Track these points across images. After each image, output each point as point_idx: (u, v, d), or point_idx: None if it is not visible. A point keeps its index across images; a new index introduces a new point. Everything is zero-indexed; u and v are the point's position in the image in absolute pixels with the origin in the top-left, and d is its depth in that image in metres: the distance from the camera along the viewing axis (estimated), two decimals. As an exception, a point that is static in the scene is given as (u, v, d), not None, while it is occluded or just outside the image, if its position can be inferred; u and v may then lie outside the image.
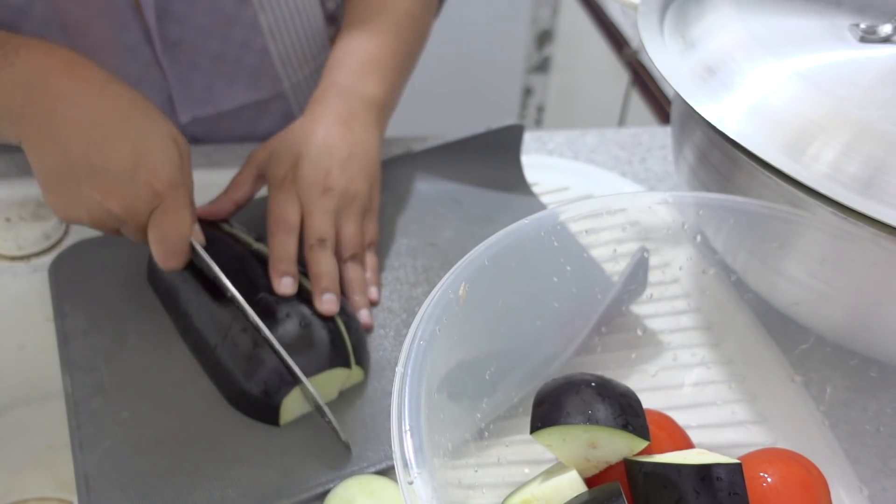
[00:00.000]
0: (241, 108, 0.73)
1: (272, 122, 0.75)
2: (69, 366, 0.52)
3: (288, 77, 0.73)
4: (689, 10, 0.54)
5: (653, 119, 1.44)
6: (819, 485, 0.40)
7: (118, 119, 0.49)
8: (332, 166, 0.56)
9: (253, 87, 0.71)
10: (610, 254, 0.48)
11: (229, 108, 0.72)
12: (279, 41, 0.69)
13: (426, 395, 0.34)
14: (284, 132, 0.59)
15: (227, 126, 0.73)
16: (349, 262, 0.57)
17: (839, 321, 0.47)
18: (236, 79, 0.70)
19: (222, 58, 0.68)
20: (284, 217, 0.55)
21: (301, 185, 0.56)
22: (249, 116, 0.74)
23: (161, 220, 0.49)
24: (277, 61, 0.70)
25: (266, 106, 0.74)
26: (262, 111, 0.74)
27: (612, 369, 0.50)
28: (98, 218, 0.50)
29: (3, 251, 0.61)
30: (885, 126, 0.42)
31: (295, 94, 0.75)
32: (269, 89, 0.72)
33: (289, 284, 0.53)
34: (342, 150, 0.57)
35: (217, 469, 0.47)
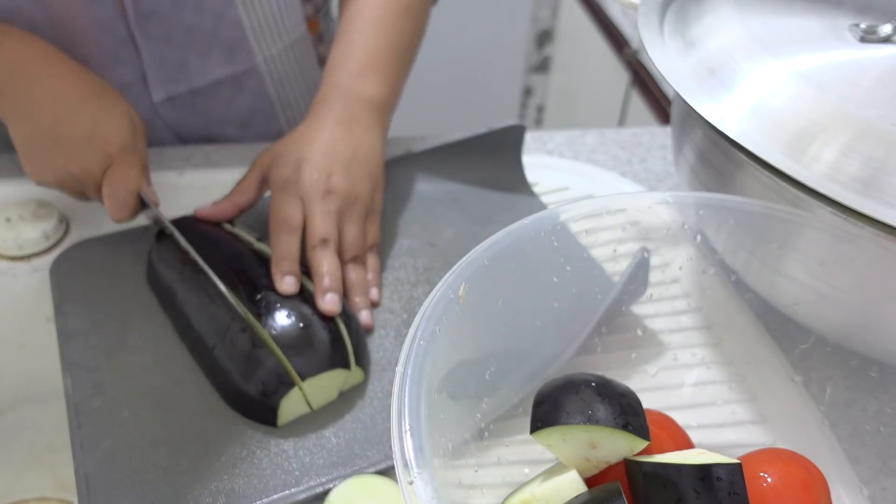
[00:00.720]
0: (215, 86, 0.72)
1: (248, 101, 0.75)
2: (69, 366, 0.52)
3: (261, 50, 0.72)
4: (689, 10, 0.54)
5: (653, 119, 1.44)
6: (819, 485, 0.40)
7: (81, 97, 0.57)
8: (334, 168, 0.57)
9: (226, 62, 0.71)
10: (610, 254, 0.48)
11: (203, 83, 0.71)
12: (251, 12, 0.69)
13: (426, 395, 0.34)
14: (287, 137, 0.60)
15: (203, 105, 0.73)
16: (350, 264, 0.57)
17: (839, 321, 0.47)
18: (210, 52, 0.70)
19: (196, 30, 0.68)
20: (286, 218, 0.56)
21: (303, 188, 0.56)
22: (224, 95, 0.74)
23: (111, 177, 0.56)
24: (250, 33, 0.70)
25: (240, 83, 0.73)
26: (237, 89, 0.74)
27: (613, 369, 0.50)
28: (62, 180, 0.57)
29: (3, 251, 0.61)
30: (885, 126, 0.42)
31: (269, 70, 0.74)
32: (242, 63, 0.72)
33: (291, 283, 0.53)
34: (344, 153, 0.58)
35: (217, 469, 0.47)
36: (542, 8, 1.95)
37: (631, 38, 1.54)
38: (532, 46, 2.02)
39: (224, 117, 0.75)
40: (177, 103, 0.72)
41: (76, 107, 0.57)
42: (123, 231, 0.62)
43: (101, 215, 0.64)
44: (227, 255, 0.55)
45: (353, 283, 0.57)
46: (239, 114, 0.76)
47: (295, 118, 0.79)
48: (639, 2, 0.54)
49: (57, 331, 0.55)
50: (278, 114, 0.78)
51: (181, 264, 0.55)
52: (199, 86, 0.72)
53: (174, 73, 0.70)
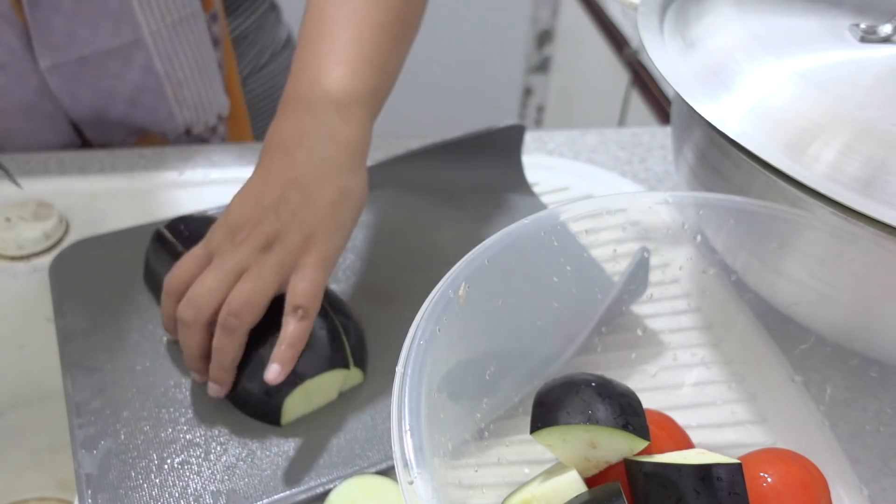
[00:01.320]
0: (104, 57, 0.71)
1: (136, 76, 0.74)
2: (69, 366, 0.52)
3: (147, 23, 0.71)
4: (689, 10, 0.54)
5: (653, 119, 1.44)
6: (819, 485, 0.40)
7: None
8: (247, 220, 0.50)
9: (114, 33, 0.70)
10: (610, 254, 0.48)
11: (90, 52, 0.70)
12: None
13: (426, 395, 0.34)
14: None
15: (92, 76, 0.72)
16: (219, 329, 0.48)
17: (839, 321, 0.47)
18: (98, 23, 0.69)
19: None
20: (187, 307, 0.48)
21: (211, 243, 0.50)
22: (114, 68, 0.72)
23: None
24: (136, 3, 0.69)
25: (128, 56, 0.72)
26: (125, 62, 0.72)
27: (613, 369, 0.50)
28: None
29: (3, 251, 0.61)
30: (885, 126, 0.42)
31: (156, 45, 0.72)
32: (128, 34, 0.71)
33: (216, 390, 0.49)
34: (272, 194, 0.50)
35: (217, 469, 0.47)
36: (542, 8, 1.95)
37: (631, 38, 1.54)
38: (532, 46, 2.02)
39: (112, 91, 0.74)
40: (64, 73, 0.71)
41: None
42: (123, 231, 0.62)
43: (101, 215, 0.64)
44: None
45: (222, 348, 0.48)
46: (127, 89, 0.74)
47: (185, 97, 0.77)
48: (639, 2, 0.54)
49: (57, 331, 0.55)
50: (167, 91, 0.76)
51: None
52: (86, 54, 0.70)
53: (62, 40, 0.69)
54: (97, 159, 0.72)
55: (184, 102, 0.77)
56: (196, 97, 0.78)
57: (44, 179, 0.68)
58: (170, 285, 0.50)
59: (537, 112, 2.14)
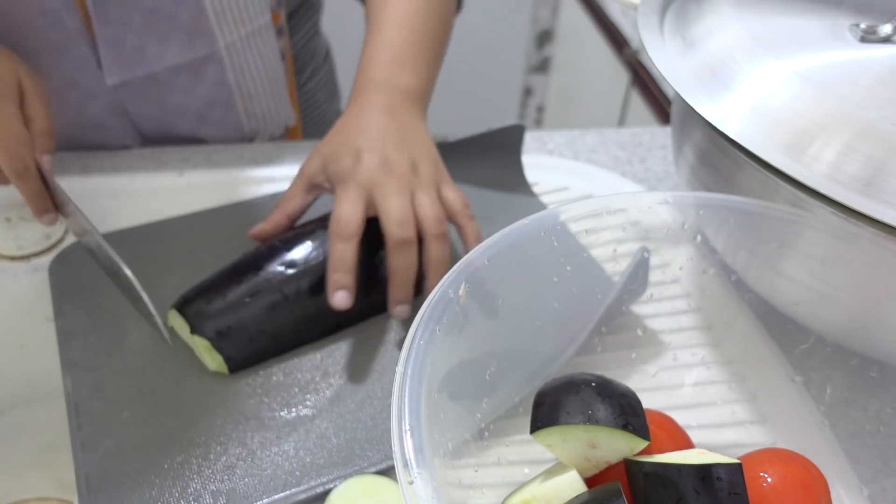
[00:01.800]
0: (174, 72, 0.71)
1: (207, 90, 0.74)
2: (69, 366, 0.52)
3: (223, 36, 0.71)
4: (689, 10, 0.54)
5: (653, 119, 1.44)
6: (819, 485, 0.40)
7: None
8: (389, 150, 0.56)
9: (186, 47, 0.70)
10: (610, 254, 0.48)
11: (161, 68, 0.70)
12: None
13: (426, 395, 0.34)
14: (331, 135, 0.60)
15: (160, 93, 0.72)
16: (433, 240, 0.55)
17: (839, 321, 0.47)
18: (169, 37, 0.69)
19: (155, 13, 0.67)
20: (346, 220, 0.54)
21: (364, 175, 0.55)
22: (184, 83, 0.72)
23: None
24: (212, 16, 0.69)
25: (200, 70, 0.72)
26: (196, 77, 0.72)
27: (613, 369, 0.50)
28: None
29: (3, 251, 0.61)
30: (885, 126, 0.42)
31: (230, 58, 0.72)
32: (203, 48, 0.70)
33: (343, 298, 0.53)
34: (395, 135, 0.58)
35: (218, 469, 0.47)
36: (542, 8, 1.95)
37: (631, 38, 1.54)
38: (532, 46, 2.02)
39: (181, 107, 0.74)
40: (132, 90, 0.71)
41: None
42: (123, 231, 0.62)
43: (101, 215, 0.64)
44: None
45: (431, 260, 0.55)
46: (197, 104, 0.74)
47: (254, 110, 0.77)
48: (639, 2, 0.54)
49: (57, 331, 0.55)
50: (237, 104, 0.76)
51: None
52: (156, 70, 0.70)
53: (131, 57, 0.68)
54: (97, 159, 0.72)
55: (252, 115, 0.78)
56: (265, 109, 0.78)
57: (44, 179, 0.68)
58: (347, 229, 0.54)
59: (537, 112, 2.14)
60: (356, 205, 0.54)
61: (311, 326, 0.55)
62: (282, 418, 0.50)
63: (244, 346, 0.53)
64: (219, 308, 0.53)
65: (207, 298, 0.53)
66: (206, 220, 0.64)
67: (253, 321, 0.53)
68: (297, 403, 0.51)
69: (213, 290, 0.54)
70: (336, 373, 0.53)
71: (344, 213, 0.54)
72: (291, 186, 0.60)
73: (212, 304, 0.53)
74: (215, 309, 0.53)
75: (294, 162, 0.73)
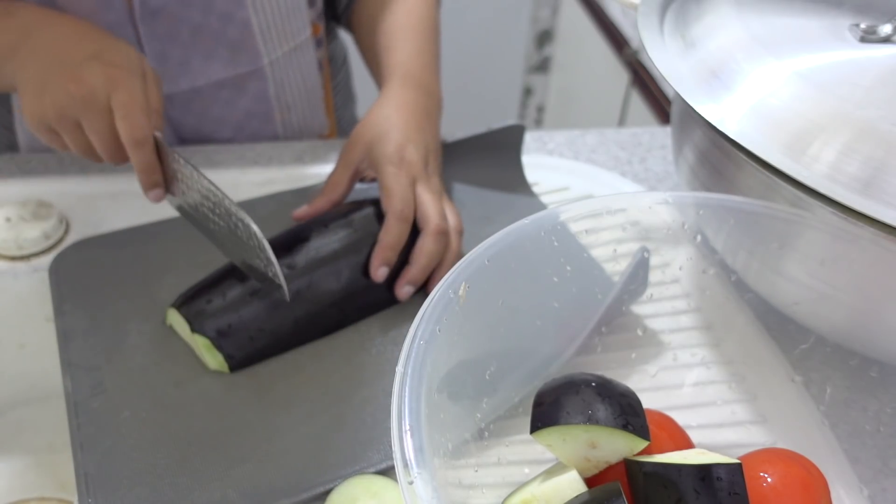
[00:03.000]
0: (217, 87, 0.72)
1: (248, 103, 0.75)
2: (69, 366, 0.52)
3: (268, 53, 0.72)
4: (689, 10, 0.54)
5: (653, 119, 1.44)
6: (819, 485, 0.40)
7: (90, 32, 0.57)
8: (429, 155, 0.62)
9: (231, 62, 0.71)
10: (610, 254, 0.48)
11: (205, 83, 0.71)
12: (261, 14, 0.69)
13: (426, 395, 0.34)
14: (371, 121, 0.62)
15: (202, 106, 0.73)
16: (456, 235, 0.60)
17: (839, 321, 0.47)
18: (214, 53, 0.70)
19: (202, 29, 0.68)
20: (405, 202, 0.57)
21: (413, 170, 0.59)
22: (225, 96, 0.74)
23: (120, 99, 0.53)
24: (258, 34, 0.70)
25: (243, 85, 0.73)
26: (239, 90, 0.74)
27: (613, 369, 0.50)
28: (59, 105, 0.53)
29: (3, 251, 0.61)
30: (885, 126, 0.42)
31: (273, 73, 0.74)
32: (247, 64, 0.72)
33: (385, 273, 0.56)
34: (431, 141, 0.63)
35: (217, 469, 0.47)
36: (542, 8, 1.95)
37: (631, 38, 1.54)
38: (532, 46, 2.02)
39: (221, 118, 0.75)
40: (175, 101, 0.72)
41: (83, 37, 0.56)
42: (123, 231, 0.62)
43: (101, 215, 0.64)
44: None
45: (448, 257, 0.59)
46: (237, 115, 0.76)
47: (291, 121, 0.79)
48: (639, 2, 0.54)
49: (57, 331, 0.55)
50: (275, 116, 0.78)
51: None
52: (199, 85, 0.72)
53: (176, 71, 0.70)
54: (97, 159, 0.72)
55: (289, 125, 0.79)
56: (301, 120, 0.80)
57: (44, 179, 0.68)
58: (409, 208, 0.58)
59: (537, 112, 2.14)
60: (410, 192, 0.58)
61: (312, 326, 0.55)
62: (282, 418, 0.50)
63: (244, 344, 0.53)
64: (218, 307, 0.53)
65: (207, 297, 0.53)
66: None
67: (253, 320, 0.53)
68: (297, 403, 0.51)
69: (213, 289, 0.54)
70: (336, 372, 0.53)
71: (403, 198, 0.57)
72: (335, 174, 0.62)
73: (212, 303, 0.53)
74: (215, 308, 0.53)
75: (294, 163, 0.73)
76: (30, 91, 0.54)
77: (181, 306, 0.53)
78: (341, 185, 0.62)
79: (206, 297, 0.53)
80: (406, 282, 0.57)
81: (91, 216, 0.65)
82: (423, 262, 0.57)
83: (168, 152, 0.53)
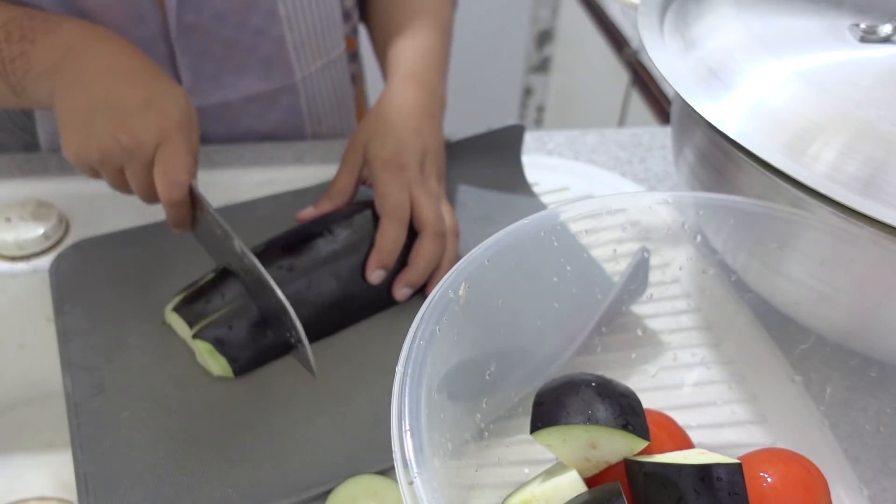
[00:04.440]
0: (249, 100, 0.73)
1: (278, 116, 0.75)
2: (69, 366, 0.52)
3: (301, 68, 0.73)
4: (689, 10, 0.54)
5: (653, 119, 1.44)
6: (819, 485, 0.40)
7: (139, 72, 0.55)
8: (426, 159, 0.61)
9: (263, 77, 0.72)
10: (610, 254, 0.48)
11: (236, 98, 0.72)
12: (296, 30, 0.70)
13: (426, 395, 0.34)
14: (368, 123, 0.62)
15: (232, 118, 0.73)
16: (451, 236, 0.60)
17: (839, 321, 0.47)
18: (246, 68, 0.70)
19: (235, 45, 0.68)
20: (399, 204, 0.58)
21: (408, 174, 0.59)
22: (256, 110, 0.74)
23: (165, 153, 0.52)
24: (292, 51, 0.71)
25: (275, 99, 0.74)
26: (270, 104, 0.74)
27: (613, 369, 0.50)
28: (106, 151, 0.53)
29: (3, 251, 0.61)
30: (885, 126, 0.42)
31: (305, 88, 0.75)
32: (280, 79, 0.72)
33: (380, 276, 0.57)
34: (431, 144, 0.62)
35: (217, 469, 0.47)
36: (542, 8, 1.95)
37: (631, 38, 1.54)
38: (532, 46, 2.02)
39: (251, 129, 0.76)
40: (205, 114, 0.72)
41: (133, 79, 0.54)
42: (123, 231, 0.62)
43: (101, 215, 0.64)
44: None
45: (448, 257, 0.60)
46: (267, 127, 0.76)
47: (321, 133, 0.80)
48: (639, 2, 0.54)
49: (57, 331, 0.55)
50: (306, 129, 0.78)
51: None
52: (231, 99, 0.72)
53: (208, 86, 0.70)
54: (97, 159, 0.72)
55: (319, 136, 0.80)
56: (331, 131, 0.80)
57: (44, 179, 0.68)
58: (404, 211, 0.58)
59: (537, 112, 2.14)
60: (405, 194, 0.58)
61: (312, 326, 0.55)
62: (282, 418, 0.50)
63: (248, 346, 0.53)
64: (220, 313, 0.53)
65: (206, 298, 0.53)
66: None
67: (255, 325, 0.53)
68: (297, 403, 0.51)
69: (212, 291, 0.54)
70: (336, 372, 0.53)
71: (397, 199, 0.57)
72: (340, 178, 0.62)
73: (210, 303, 0.53)
74: (213, 309, 0.53)
75: (294, 163, 0.73)
76: (74, 127, 0.53)
77: (180, 308, 0.53)
78: (347, 189, 0.62)
79: (204, 298, 0.53)
80: (404, 284, 0.57)
81: (91, 216, 0.65)
82: (421, 264, 0.57)
83: (202, 205, 0.53)
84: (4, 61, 0.55)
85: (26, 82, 0.55)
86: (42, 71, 0.54)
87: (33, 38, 0.55)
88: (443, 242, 0.58)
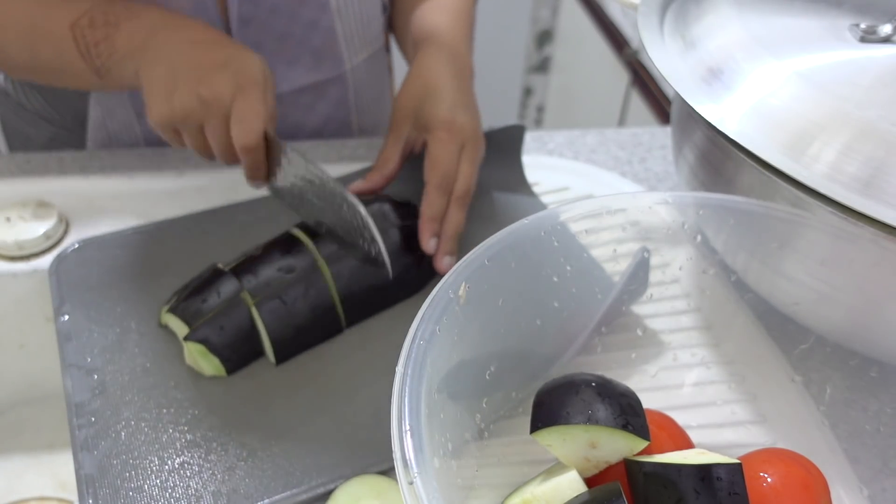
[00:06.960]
0: (298, 92, 0.74)
1: (327, 108, 0.76)
2: (69, 366, 0.52)
3: (349, 59, 0.74)
4: (689, 10, 0.54)
5: (653, 119, 1.44)
6: (819, 485, 0.40)
7: (219, 41, 0.58)
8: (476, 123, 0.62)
9: (314, 69, 0.73)
10: (610, 254, 0.48)
11: (288, 90, 0.73)
12: (345, 21, 0.71)
13: (426, 395, 0.34)
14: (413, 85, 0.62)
15: (283, 112, 0.74)
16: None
17: (839, 321, 0.47)
18: (297, 60, 0.72)
19: (287, 37, 0.70)
20: (447, 172, 0.58)
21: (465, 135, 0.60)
22: (306, 101, 0.75)
23: (241, 104, 0.54)
24: (342, 41, 0.72)
25: (324, 90, 0.75)
26: (320, 96, 0.75)
27: (613, 369, 0.50)
28: (187, 108, 0.55)
29: (3, 251, 0.61)
30: (885, 126, 0.42)
31: (353, 79, 0.76)
32: (330, 70, 0.74)
33: (435, 244, 0.58)
34: (475, 110, 0.63)
35: (218, 469, 0.47)
36: (542, 8, 1.95)
37: (631, 38, 1.54)
38: (532, 46, 2.02)
39: (300, 123, 0.76)
40: None
41: (213, 47, 0.57)
42: (123, 231, 0.62)
43: (101, 215, 0.64)
44: None
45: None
46: (316, 121, 0.77)
47: (366, 125, 0.81)
48: (639, 2, 0.54)
49: (57, 331, 0.55)
50: (353, 121, 0.79)
51: None
52: (283, 91, 0.73)
53: None
54: (97, 159, 0.72)
55: (364, 129, 0.81)
56: (374, 123, 0.82)
57: (44, 179, 0.68)
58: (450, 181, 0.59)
59: (537, 112, 2.14)
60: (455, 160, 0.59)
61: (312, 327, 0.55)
62: (282, 418, 0.50)
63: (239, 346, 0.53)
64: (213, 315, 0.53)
65: (202, 298, 0.53)
66: (205, 220, 0.64)
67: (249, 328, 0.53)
68: (297, 403, 0.51)
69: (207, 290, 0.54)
70: (336, 372, 0.53)
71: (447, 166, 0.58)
72: (386, 150, 0.62)
73: (206, 302, 0.53)
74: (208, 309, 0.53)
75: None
76: (158, 92, 0.55)
77: (175, 309, 0.53)
78: (392, 160, 0.62)
79: (200, 297, 0.53)
80: (444, 253, 0.58)
81: (91, 216, 0.65)
82: (451, 231, 0.58)
83: (278, 147, 0.55)
84: (89, 45, 0.58)
85: (111, 63, 0.58)
86: (127, 52, 0.57)
87: (117, 22, 0.58)
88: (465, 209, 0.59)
